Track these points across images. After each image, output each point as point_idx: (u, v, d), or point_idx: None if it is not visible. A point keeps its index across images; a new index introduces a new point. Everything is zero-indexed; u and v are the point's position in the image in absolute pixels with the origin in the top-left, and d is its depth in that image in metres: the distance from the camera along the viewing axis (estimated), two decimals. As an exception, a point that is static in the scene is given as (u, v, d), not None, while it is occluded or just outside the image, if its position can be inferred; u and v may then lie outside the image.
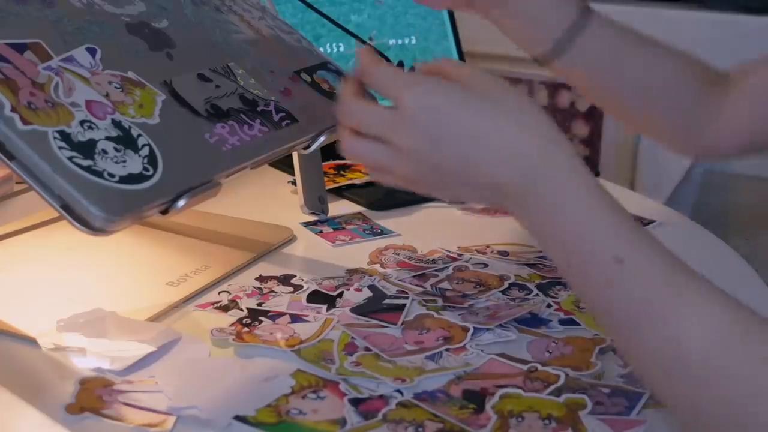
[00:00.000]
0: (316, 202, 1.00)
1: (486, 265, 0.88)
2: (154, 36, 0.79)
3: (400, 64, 1.24)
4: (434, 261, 0.89)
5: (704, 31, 1.70)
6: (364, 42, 0.95)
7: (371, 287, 0.83)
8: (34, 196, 0.63)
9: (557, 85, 1.85)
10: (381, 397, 0.65)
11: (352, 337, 0.73)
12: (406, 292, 0.82)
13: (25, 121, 0.63)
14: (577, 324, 0.77)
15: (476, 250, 0.92)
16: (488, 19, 0.87)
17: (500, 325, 0.75)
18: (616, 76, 0.87)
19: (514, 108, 0.62)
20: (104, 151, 0.65)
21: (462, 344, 0.73)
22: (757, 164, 1.61)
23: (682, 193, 1.63)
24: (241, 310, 0.78)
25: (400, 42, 1.27)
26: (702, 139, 0.90)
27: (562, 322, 0.77)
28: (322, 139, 0.85)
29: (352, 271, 0.87)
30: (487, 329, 0.75)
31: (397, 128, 0.62)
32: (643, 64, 0.87)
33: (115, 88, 0.71)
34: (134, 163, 0.66)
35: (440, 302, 0.80)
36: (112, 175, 0.64)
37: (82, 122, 0.66)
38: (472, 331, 0.74)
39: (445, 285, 0.84)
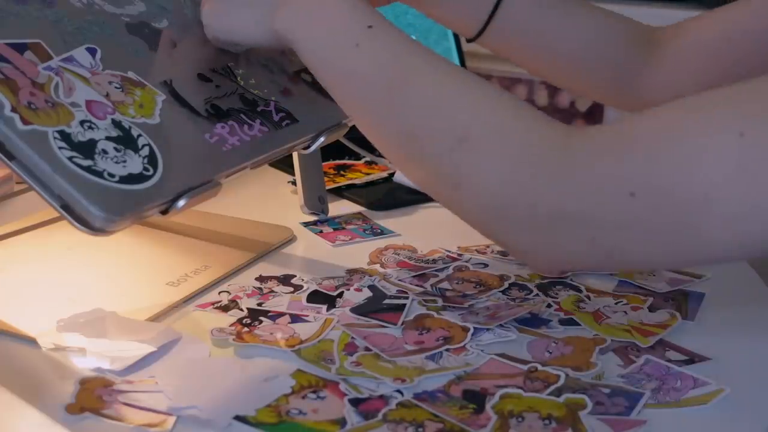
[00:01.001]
0: (316, 202, 1.00)
1: (486, 265, 0.88)
2: (154, 36, 0.79)
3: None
4: (434, 261, 0.89)
5: (704, 31, 1.70)
6: None
7: (371, 287, 0.83)
8: (34, 196, 0.63)
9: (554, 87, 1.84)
10: (381, 397, 0.65)
11: (352, 337, 0.73)
12: (406, 292, 0.82)
13: (25, 121, 0.63)
14: (577, 324, 0.77)
15: (476, 250, 0.92)
16: (419, 11, 0.92)
17: (500, 325, 0.75)
18: (543, 43, 0.91)
19: None
20: (104, 151, 0.65)
21: (462, 344, 0.73)
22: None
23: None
24: (241, 310, 0.78)
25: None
26: (641, 94, 0.92)
27: (562, 322, 0.77)
28: (322, 139, 0.85)
29: (352, 271, 0.87)
30: (487, 329, 0.75)
31: None
32: (566, 26, 0.90)
33: (115, 88, 0.71)
34: (134, 163, 0.66)
35: (440, 302, 0.80)
36: (112, 175, 0.64)
37: (82, 122, 0.66)
38: (472, 331, 0.74)
39: (445, 285, 0.84)
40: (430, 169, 0.67)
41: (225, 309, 0.78)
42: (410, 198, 1.06)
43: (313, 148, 0.85)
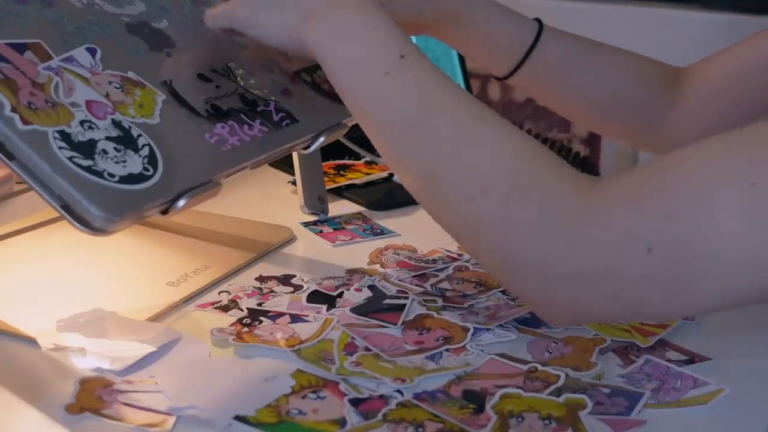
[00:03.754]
0: (316, 202, 1.00)
1: (486, 265, 0.88)
2: (154, 36, 0.79)
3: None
4: (434, 261, 0.89)
5: (704, 31, 1.70)
6: None
7: (371, 287, 0.83)
8: (34, 196, 0.63)
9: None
10: (381, 397, 0.65)
11: (352, 337, 0.73)
12: (406, 292, 0.82)
13: (25, 121, 0.63)
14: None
15: (476, 250, 0.92)
16: (452, 47, 0.93)
17: (500, 325, 0.75)
18: (572, 89, 0.92)
19: None
20: (104, 151, 0.65)
21: (462, 344, 0.73)
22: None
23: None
24: (241, 310, 0.78)
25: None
26: (669, 134, 0.93)
27: (562, 322, 0.77)
28: (322, 139, 0.85)
29: (352, 271, 0.87)
30: (487, 329, 0.75)
31: None
32: (595, 73, 0.92)
33: (115, 88, 0.70)
34: (134, 163, 0.66)
35: (440, 302, 0.80)
36: (112, 175, 0.64)
37: (82, 122, 0.66)
38: (472, 331, 0.74)
39: (445, 285, 0.84)
40: (449, 211, 0.67)
41: (225, 309, 0.78)
42: (410, 198, 1.05)
43: (313, 148, 0.85)
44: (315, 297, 0.81)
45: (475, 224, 0.64)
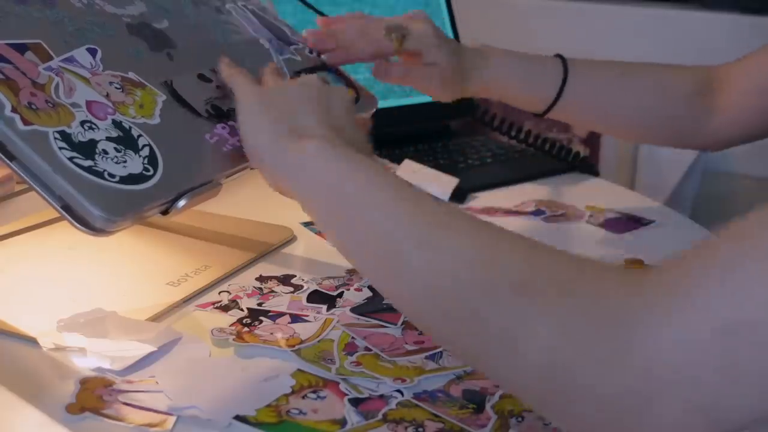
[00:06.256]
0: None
1: (486, 265, 0.88)
2: (154, 36, 0.79)
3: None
4: (434, 261, 0.89)
5: (704, 31, 1.70)
6: None
7: (371, 287, 0.83)
8: (34, 196, 0.64)
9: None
10: (381, 397, 0.65)
11: (352, 337, 0.74)
12: (406, 292, 0.82)
13: (25, 122, 0.63)
14: (577, 324, 0.77)
15: (476, 250, 0.92)
16: (489, 97, 0.98)
17: (500, 325, 0.75)
18: (608, 112, 0.97)
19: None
20: (105, 152, 0.65)
21: (462, 344, 0.73)
22: (757, 164, 1.61)
23: (682, 194, 1.63)
24: (242, 310, 0.78)
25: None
26: (702, 138, 0.96)
27: (561, 322, 0.77)
28: (322, 139, 0.85)
29: (352, 271, 0.87)
30: (487, 329, 0.75)
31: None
32: (628, 94, 0.96)
33: (116, 88, 0.71)
34: (135, 164, 0.66)
35: (440, 302, 0.80)
36: (112, 176, 0.64)
37: (82, 122, 0.66)
38: (472, 331, 0.74)
39: (445, 285, 0.84)
40: (473, 326, 0.53)
41: (225, 309, 0.78)
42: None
43: (313, 148, 0.85)
44: (315, 297, 0.81)
45: (507, 334, 0.52)
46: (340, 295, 0.81)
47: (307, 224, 0.99)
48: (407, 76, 0.93)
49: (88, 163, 0.63)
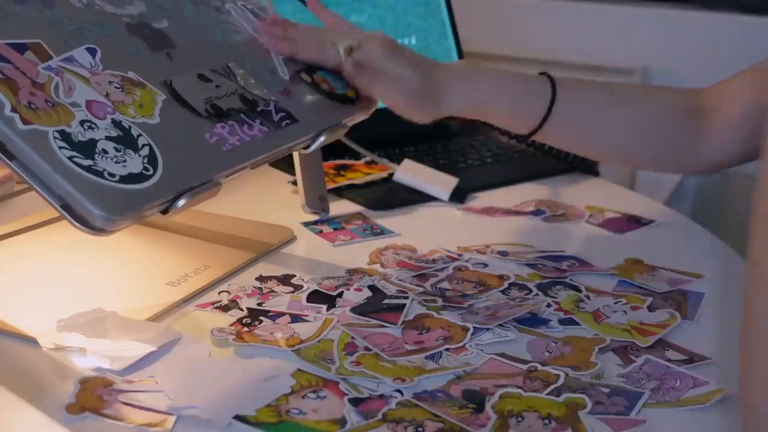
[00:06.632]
0: (317, 201, 1.00)
1: (486, 265, 0.88)
2: (154, 36, 0.79)
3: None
4: (434, 261, 0.89)
5: (704, 31, 1.70)
6: None
7: (371, 287, 0.83)
8: (34, 196, 0.64)
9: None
10: (381, 396, 0.65)
11: (352, 337, 0.74)
12: (406, 292, 0.82)
13: (25, 121, 0.63)
14: (577, 324, 0.77)
15: (476, 250, 0.92)
16: (473, 117, 0.93)
17: (500, 325, 0.75)
18: (596, 135, 0.93)
19: None
20: (104, 151, 0.65)
21: (462, 344, 0.73)
22: (757, 164, 1.61)
23: (682, 193, 1.63)
24: (241, 309, 0.78)
25: (400, 42, 1.27)
26: (693, 162, 0.93)
27: (561, 321, 0.77)
28: (322, 138, 0.85)
29: (352, 271, 0.87)
30: (487, 329, 0.75)
31: None
32: (616, 117, 0.92)
33: (115, 88, 0.71)
34: (134, 163, 0.66)
35: (440, 302, 0.80)
36: (112, 175, 0.64)
37: (82, 122, 0.66)
38: (471, 330, 0.74)
39: (444, 285, 0.84)
40: None
41: (225, 309, 0.78)
42: (410, 198, 1.06)
43: (313, 147, 0.85)
44: (315, 297, 0.81)
45: None
46: (340, 295, 0.81)
47: (307, 224, 0.99)
48: (371, 84, 0.88)
49: (87, 162, 0.63)
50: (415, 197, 1.06)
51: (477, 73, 0.91)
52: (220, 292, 0.82)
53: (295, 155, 0.99)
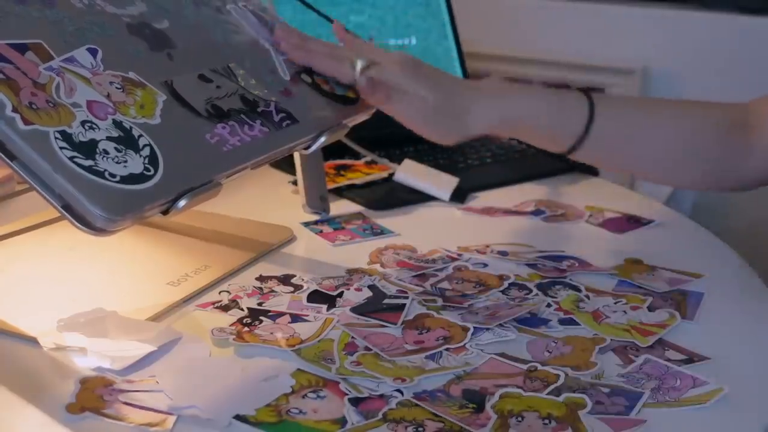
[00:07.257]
0: (317, 201, 1.01)
1: (486, 265, 0.88)
2: (154, 36, 0.79)
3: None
4: (434, 261, 0.89)
5: (704, 31, 1.70)
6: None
7: (371, 287, 0.83)
8: (35, 196, 0.64)
9: (557, 86, 1.85)
10: (381, 396, 0.66)
11: (352, 337, 0.74)
12: (406, 292, 0.82)
13: (26, 121, 0.63)
14: (577, 324, 0.77)
15: (476, 250, 0.92)
16: (511, 137, 0.92)
17: (500, 325, 0.75)
18: (636, 152, 0.89)
19: None
20: (105, 152, 0.65)
21: (462, 344, 0.73)
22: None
23: (682, 193, 1.63)
24: (242, 309, 0.78)
25: (400, 42, 1.27)
26: (735, 179, 0.90)
27: (561, 321, 0.77)
28: (322, 139, 0.85)
29: (352, 271, 0.87)
30: (487, 329, 0.75)
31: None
32: (656, 134, 0.88)
33: (116, 88, 0.71)
34: (135, 164, 0.66)
35: (440, 302, 0.80)
36: (113, 175, 0.64)
37: (83, 122, 0.66)
38: (471, 330, 0.74)
39: (444, 285, 0.84)
40: None
41: (225, 309, 0.79)
42: (410, 198, 1.06)
43: (313, 148, 0.85)
44: (315, 297, 0.81)
45: None
46: (340, 294, 0.81)
47: (307, 224, 0.99)
48: (387, 103, 0.87)
49: (88, 162, 0.64)
50: (415, 197, 1.06)
51: (508, 89, 0.89)
52: (220, 292, 0.82)
53: (296, 155, 0.99)
